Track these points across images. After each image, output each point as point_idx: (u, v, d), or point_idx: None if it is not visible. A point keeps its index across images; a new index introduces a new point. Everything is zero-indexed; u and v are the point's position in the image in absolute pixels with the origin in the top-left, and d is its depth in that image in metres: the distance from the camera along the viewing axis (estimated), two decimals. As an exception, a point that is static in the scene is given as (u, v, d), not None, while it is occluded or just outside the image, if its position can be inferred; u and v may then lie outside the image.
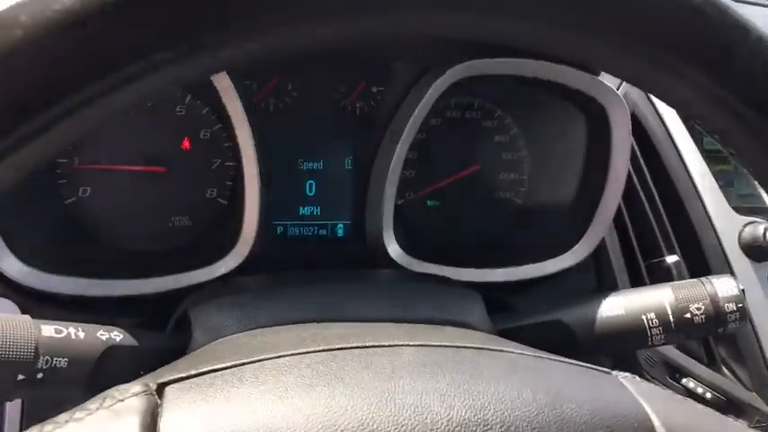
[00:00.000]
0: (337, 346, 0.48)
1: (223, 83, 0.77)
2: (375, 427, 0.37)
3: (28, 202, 0.80)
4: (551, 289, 0.95)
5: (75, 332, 0.58)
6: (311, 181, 0.96)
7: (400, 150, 0.86)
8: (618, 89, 0.89)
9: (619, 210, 0.99)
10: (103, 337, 0.60)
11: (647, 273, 0.99)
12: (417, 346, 0.50)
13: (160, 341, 0.65)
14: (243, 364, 0.44)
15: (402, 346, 0.50)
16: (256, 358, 0.45)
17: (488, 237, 1.03)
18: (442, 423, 0.37)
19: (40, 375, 0.55)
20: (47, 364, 0.55)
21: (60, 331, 0.58)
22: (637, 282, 0.99)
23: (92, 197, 0.88)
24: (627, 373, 0.48)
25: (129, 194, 0.89)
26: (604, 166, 0.89)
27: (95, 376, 0.58)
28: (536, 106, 1.00)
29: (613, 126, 0.87)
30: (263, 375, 0.42)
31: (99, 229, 0.89)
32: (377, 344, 0.50)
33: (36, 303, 0.75)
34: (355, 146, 0.96)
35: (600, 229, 0.91)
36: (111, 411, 0.36)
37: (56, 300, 0.76)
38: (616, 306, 0.72)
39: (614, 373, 0.48)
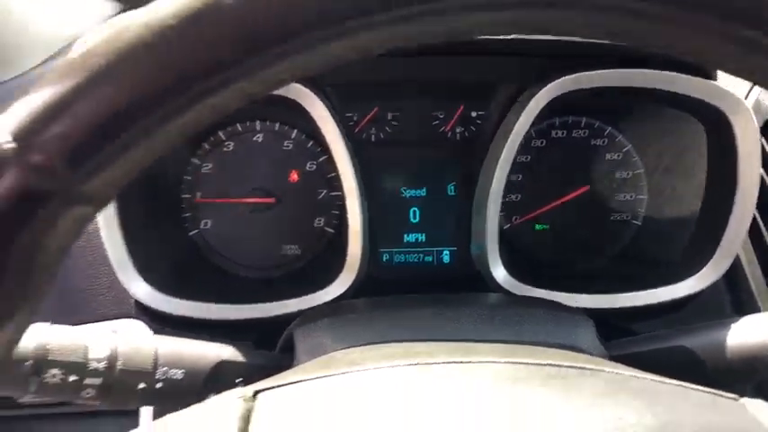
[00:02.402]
0: (422, 361, 0.48)
1: (321, 113, 0.80)
2: None
3: (158, 233, 0.88)
4: (678, 317, 0.86)
5: (191, 347, 0.63)
6: (415, 208, 0.97)
7: (501, 173, 0.84)
8: (747, 95, 0.80)
9: (756, 224, 0.89)
10: (215, 353, 0.64)
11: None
12: (510, 363, 0.49)
13: (267, 359, 0.67)
14: (330, 375, 0.46)
15: (492, 362, 0.48)
16: (343, 371, 0.46)
17: (603, 261, 0.97)
18: None
19: (158, 385, 0.60)
20: (164, 374, 0.60)
21: (178, 346, 0.62)
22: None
23: (212, 229, 0.95)
24: (758, 400, 0.43)
25: (244, 225, 0.95)
26: (731, 182, 0.80)
27: (207, 388, 0.61)
28: (649, 120, 0.94)
29: (738, 135, 0.79)
30: (348, 386, 0.44)
31: (218, 258, 0.96)
32: (464, 360, 0.49)
33: (160, 324, 0.82)
34: (457, 171, 0.96)
35: (729, 250, 0.82)
36: (212, 411, 0.42)
37: (177, 321, 0.82)
38: (751, 330, 0.64)
39: (742, 399, 0.43)
